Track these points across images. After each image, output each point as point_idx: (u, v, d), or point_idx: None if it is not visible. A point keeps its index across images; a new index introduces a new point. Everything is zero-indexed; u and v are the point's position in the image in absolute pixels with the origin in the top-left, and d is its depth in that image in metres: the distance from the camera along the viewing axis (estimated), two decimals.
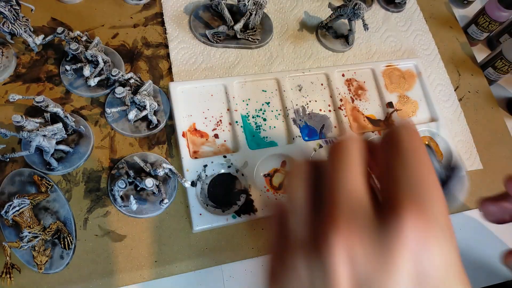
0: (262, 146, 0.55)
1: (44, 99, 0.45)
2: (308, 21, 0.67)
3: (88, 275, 0.45)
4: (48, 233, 0.44)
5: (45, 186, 0.47)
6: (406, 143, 0.24)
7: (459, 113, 0.66)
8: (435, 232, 0.20)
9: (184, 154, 0.51)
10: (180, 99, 0.55)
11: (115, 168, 0.50)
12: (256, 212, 0.50)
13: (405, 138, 0.24)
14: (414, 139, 0.24)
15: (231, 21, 0.59)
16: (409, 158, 0.23)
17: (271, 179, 0.54)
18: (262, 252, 0.50)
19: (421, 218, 0.20)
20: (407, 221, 0.20)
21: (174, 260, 0.48)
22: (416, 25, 0.72)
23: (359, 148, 0.25)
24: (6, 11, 0.48)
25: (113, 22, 0.60)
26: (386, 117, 0.61)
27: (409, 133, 0.24)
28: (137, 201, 0.48)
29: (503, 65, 0.66)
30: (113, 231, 0.48)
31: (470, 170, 0.61)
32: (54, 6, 0.59)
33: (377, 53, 0.67)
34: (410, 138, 0.24)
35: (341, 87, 0.61)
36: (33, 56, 0.55)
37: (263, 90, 0.58)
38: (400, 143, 0.24)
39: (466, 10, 0.79)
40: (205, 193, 0.51)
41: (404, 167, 0.23)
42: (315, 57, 0.64)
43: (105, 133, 0.53)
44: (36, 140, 0.44)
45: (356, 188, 0.23)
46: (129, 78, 0.50)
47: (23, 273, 0.44)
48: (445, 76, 0.68)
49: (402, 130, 0.24)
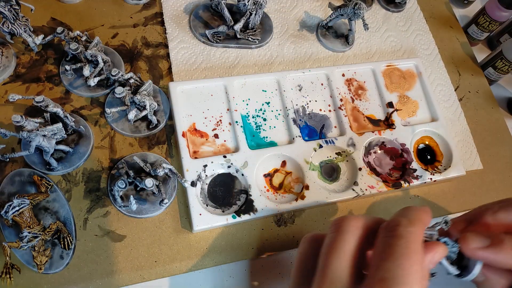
0: (262, 146, 0.55)
1: (44, 99, 0.45)
2: (308, 21, 0.67)
3: (88, 275, 0.45)
4: (48, 233, 0.44)
5: (45, 186, 0.47)
6: (400, 242, 0.28)
7: (459, 113, 0.66)
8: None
9: (184, 154, 0.51)
10: (180, 99, 0.55)
11: (115, 168, 0.50)
12: (256, 212, 0.50)
13: (401, 236, 0.29)
14: (408, 240, 0.28)
15: (231, 21, 0.59)
16: (397, 254, 0.27)
17: (271, 179, 0.54)
18: (262, 252, 0.50)
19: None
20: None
21: (174, 260, 0.48)
22: (416, 25, 0.72)
23: (356, 236, 0.31)
24: (6, 11, 0.48)
25: (113, 22, 0.60)
26: (386, 117, 0.61)
27: (406, 232, 0.29)
28: (137, 201, 0.48)
29: (503, 65, 0.66)
30: (113, 231, 0.48)
31: (470, 170, 0.61)
32: (54, 6, 0.59)
33: (377, 53, 0.67)
34: (405, 238, 0.28)
35: (341, 87, 0.61)
36: (33, 56, 0.55)
37: (263, 90, 0.58)
38: (395, 240, 0.28)
39: (466, 10, 0.79)
40: (205, 193, 0.51)
41: (389, 260, 0.27)
42: (315, 57, 0.64)
43: (105, 133, 0.53)
44: (36, 140, 0.44)
45: (341, 275, 0.29)
46: (129, 78, 0.50)
47: (23, 273, 0.44)
48: (445, 76, 0.68)
49: (401, 229, 0.29)
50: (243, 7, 0.58)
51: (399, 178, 0.57)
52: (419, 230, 0.29)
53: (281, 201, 0.52)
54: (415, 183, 0.56)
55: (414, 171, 0.57)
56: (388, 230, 0.30)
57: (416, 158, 0.59)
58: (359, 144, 0.57)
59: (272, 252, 0.50)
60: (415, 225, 0.29)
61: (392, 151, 0.59)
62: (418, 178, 0.56)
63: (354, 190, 0.54)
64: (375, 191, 0.54)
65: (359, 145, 0.57)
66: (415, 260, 0.27)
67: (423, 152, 0.60)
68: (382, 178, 0.56)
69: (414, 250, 0.28)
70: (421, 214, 0.31)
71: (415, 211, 0.31)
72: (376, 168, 0.58)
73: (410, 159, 0.58)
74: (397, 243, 0.28)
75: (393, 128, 0.59)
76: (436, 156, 0.60)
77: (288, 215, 0.53)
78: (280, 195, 0.53)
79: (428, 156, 0.60)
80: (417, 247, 0.28)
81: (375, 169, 0.57)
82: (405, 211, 0.32)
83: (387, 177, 0.57)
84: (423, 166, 0.59)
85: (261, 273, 0.50)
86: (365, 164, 0.56)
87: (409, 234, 0.29)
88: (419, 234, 0.29)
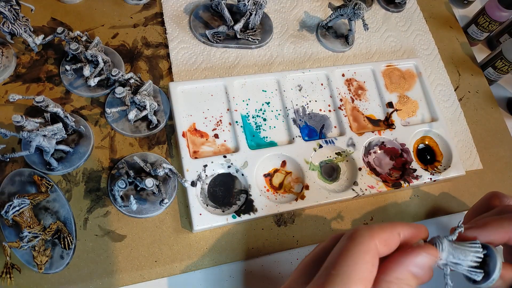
0: (262, 146, 0.55)
1: (44, 99, 0.45)
2: (308, 21, 0.67)
3: (88, 275, 0.45)
4: (48, 233, 0.44)
5: (45, 186, 0.47)
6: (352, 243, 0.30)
7: (459, 113, 0.66)
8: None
9: (184, 154, 0.51)
10: (180, 99, 0.55)
11: (115, 168, 0.50)
12: (256, 212, 0.50)
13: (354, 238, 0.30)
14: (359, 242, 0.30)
15: (231, 21, 0.59)
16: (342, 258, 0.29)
17: (271, 179, 0.54)
18: (262, 252, 0.50)
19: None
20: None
21: (174, 260, 0.48)
22: (416, 25, 0.72)
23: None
24: (6, 11, 0.48)
25: (113, 22, 0.60)
26: (386, 117, 0.61)
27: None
28: (137, 201, 0.48)
29: (503, 65, 0.66)
30: (113, 231, 0.48)
31: (469, 170, 0.61)
32: (54, 6, 0.59)
33: (377, 53, 0.67)
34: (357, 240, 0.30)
35: (341, 87, 0.61)
36: (33, 56, 0.55)
37: (263, 90, 0.58)
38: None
39: (466, 10, 0.79)
40: (205, 193, 0.51)
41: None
42: (315, 57, 0.64)
43: (105, 133, 0.53)
44: (36, 140, 0.44)
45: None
46: (129, 78, 0.50)
47: (23, 273, 0.44)
48: (445, 76, 0.68)
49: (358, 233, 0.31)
50: (243, 7, 0.58)
51: (399, 178, 0.57)
52: (374, 233, 0.30)
53: (281, 201, 0.52)
54: (415, 183, 0.56)
55: (414, 171, 0.57)
56: (345, 235, 0.32)
57: (416, 158, 0.59)
58: (359, 144, 0.57)
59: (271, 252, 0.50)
60: (371, 229, 0.30)
61: (392, 151, 0.59)
62: (418, 178, 0.56)
63: (354, 190, 0.54)
64: (375, 191, 0.54)
65: (359, 145, 0.57)
66: (358, 263, 0.28)
67: (423, 152, 0.60)
68: (382, 178, 0.56)
69: (358, 251, 0.29)
70: (389, 224, 0.31)
71: (385, 223, 0.32)
72: (376, 168, 0.58)
73: (410, 159, 0.58)
74: (345, 243, 0.30)
75: (393, 128, 0.59)
76: (436, 156, 0.60)
77: (288, 215, 0.53)
78: (280, 195, 0.53)
79: (428, 156, 0.60)
80: (364, 249, 0.29)
81: (375, 169, 0.58)
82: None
83: (387, 177, 0.57)
84: (423, 166, 0.59)
85: (261, 273, 0.50)
86: (365, 164, 0.56)
87: (359, 237, 0.30)
88: (371, 237, 0.30)
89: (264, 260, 0.50)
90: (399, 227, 0.31)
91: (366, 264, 0.28)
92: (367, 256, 0.28)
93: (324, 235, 0.52)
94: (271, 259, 0.50)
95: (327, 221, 0.53)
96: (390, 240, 0.30)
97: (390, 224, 0.31)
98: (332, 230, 0.53)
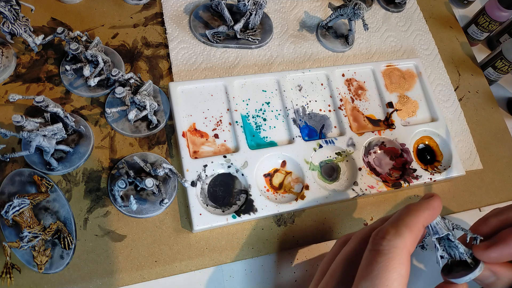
0: (262, 146, 0.55)
1: (44, 99, 0.45)
2: (308, 21, 0.67)
3: (88, 275, 0.45)
4: (48, 233, 0.44)
5: (45, 186, 0.47)
6: (380, 259, 0.30)
7: (459, 113, 0.66)
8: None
9: (184, 154, 0.51)
10: (180, 99, 0.55)
11: (115, 168, 0.50)
12: (256, 212, 0.50)
13: (383, 252, 0.30)
14: (389, 257, 0.30)
15: (231, 21, 0.59)
16: (375, 273, 0.29)
17: (271, 179, 0.54)
18: (262, 252, 0.50)
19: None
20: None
21: (174, 260, 0.48)
22: (416, 25, 0.72)
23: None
24: (6, 11, 0.48)
25: (113, 22, 0.60)
26: (386, 117, 0.61)
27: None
28: (137, 201, 0.48)
29: (503, 65, 0.66)
30: (113, 231, 0.48)
31: (469, 170, 0.61)
32: (54, 6, 0.59)
33: (377, 53, 0.67)
34: (386, 255, 0.30)
35: (341, 87, 0.61)
36: (33, 56, 0.55)
37: (263, 90, 0.58)
38: (376, 257, 0.30)
39: (466, 10, 0.79)
40: (205, 193, 0.51)
41: (367, 279, 0.29)
42: (315, 57, 0.64)
43: (105, 133, 0.53)
44: (36, 140, 0.44)
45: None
46: (129, 78, 0.50)
47: (23, 273, 0.44)
48: (445, 76, 0.68)
49: (385, 243, 0.31)
50: (243, 7, 0.58)
51: (399, 178, 0.57)
52: (406, 240, 0.30)
53: (281, 201, 0.52)
54: (415, 183, 0.56)
55: (414, 171, 0.57)
56: (373, 243, 0.31)
57: (416, 158, 0.59)
58: (359, 144, 0.57)
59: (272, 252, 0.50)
60: (401, 236, 0.30)
61: (392, 151, 0.59)
62: (418, 178, 0.56)
63: (354, 190, 0.54)
64: (375, 191, 0.54)
65: (359, 145, 0.57)
66: (393, 280, 0.29)
67: (423, 152, 0.60)
68: (382, 178, 0.56)
69: (393, 268, 0.29)
70: (414, 219, 0.32)
71: (408, 216, 0.32)
72: (376, 168, 0.58)
73: (410, 159, 0.58)
74: (377, 260, 0.30)
75: (393, 128, 0.59)
76: (436, 156, 0.60)
77: (288, 215, 0.53)
78: (280, 195, 0.53)
79: (428, 156, 0.60)
80: (398, 263, 0.29)
81: (375, 169, 0.58)
82: (400, 214, 0.33)
83: (387, 177, 0.57)
84: (423, 166, 0.59)
85: (261, 273, 0.50)
86: (365, 164, 0.56)
87: (392, 249, 0.30)
88: (404, 247, 0.30)
89: (264, 260, 0.50)
90: (422, 218, 0.32)
91: (402, 279, 0.29)
92: (403, 270, 0.29)
93: (324, 235, 0.52)
94: (271, 259, 0.50)
95: (327, 221, 0.53)
96: (418, 238, 0.32)
97: (415, 219, 0.32)
98: (333, 230, 0.53)
